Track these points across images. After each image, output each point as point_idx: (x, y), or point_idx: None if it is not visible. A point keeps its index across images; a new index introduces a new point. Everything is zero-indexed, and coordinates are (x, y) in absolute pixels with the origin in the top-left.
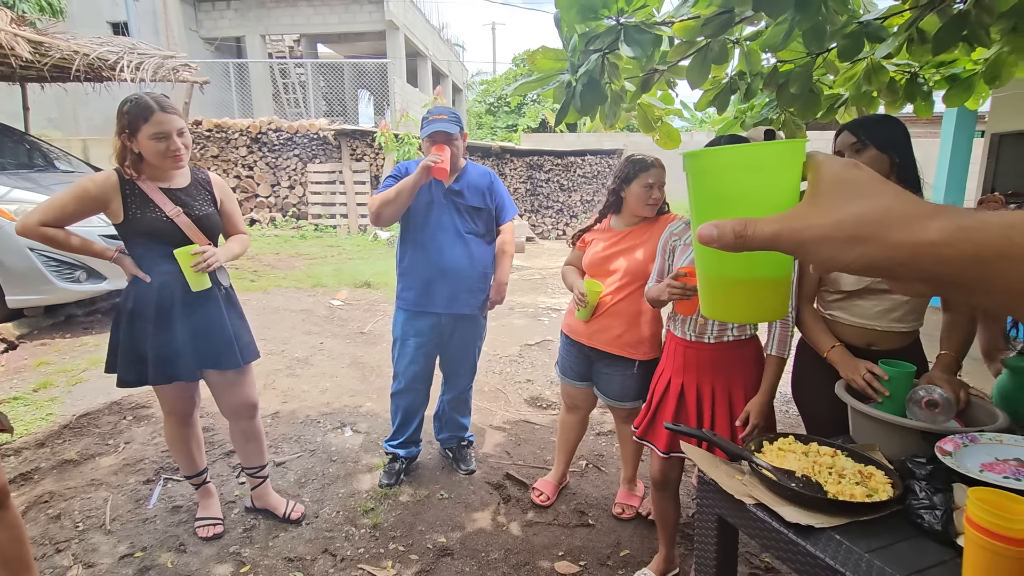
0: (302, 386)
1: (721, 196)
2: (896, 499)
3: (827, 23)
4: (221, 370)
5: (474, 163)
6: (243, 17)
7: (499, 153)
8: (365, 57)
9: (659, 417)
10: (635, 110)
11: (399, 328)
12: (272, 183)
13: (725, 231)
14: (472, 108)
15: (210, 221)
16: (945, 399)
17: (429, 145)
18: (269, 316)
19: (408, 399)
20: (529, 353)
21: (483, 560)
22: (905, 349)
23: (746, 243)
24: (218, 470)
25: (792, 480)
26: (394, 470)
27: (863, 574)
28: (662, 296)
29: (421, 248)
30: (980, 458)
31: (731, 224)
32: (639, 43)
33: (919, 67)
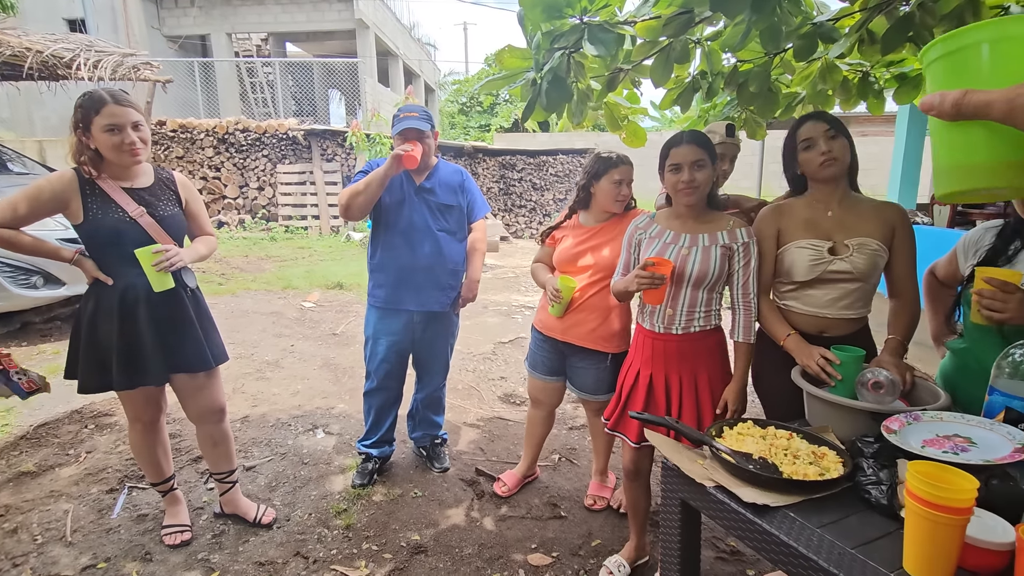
0: (272, 389)
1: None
2: (846, 476)
3: (782, 24)
4: (191, 373)
5: (445, 161)
6: (208, 15)
7: (471, 153)
8: (335, 56)
9: (629, 408)
10: (602, 109)
11: (371, 327)
12: (240, 184)
13: (945, 99)
14: (445, 108)
15: (175, 222)
16: (890, 380)
17: (401, 142)
18: (238, 319)
19: (381, 398)
20: (503, 351)
21: (457, 556)
22: (855, 335)
23: (961, 110)
24: (185, 476)
25: (750, 462)
26: (367, 470)
27: (814, 548)
28: (630, 287)
29: (392, 246)
30: (922, 435)
31: (951, 93)
32: (603, 42)
33: (870, 67)
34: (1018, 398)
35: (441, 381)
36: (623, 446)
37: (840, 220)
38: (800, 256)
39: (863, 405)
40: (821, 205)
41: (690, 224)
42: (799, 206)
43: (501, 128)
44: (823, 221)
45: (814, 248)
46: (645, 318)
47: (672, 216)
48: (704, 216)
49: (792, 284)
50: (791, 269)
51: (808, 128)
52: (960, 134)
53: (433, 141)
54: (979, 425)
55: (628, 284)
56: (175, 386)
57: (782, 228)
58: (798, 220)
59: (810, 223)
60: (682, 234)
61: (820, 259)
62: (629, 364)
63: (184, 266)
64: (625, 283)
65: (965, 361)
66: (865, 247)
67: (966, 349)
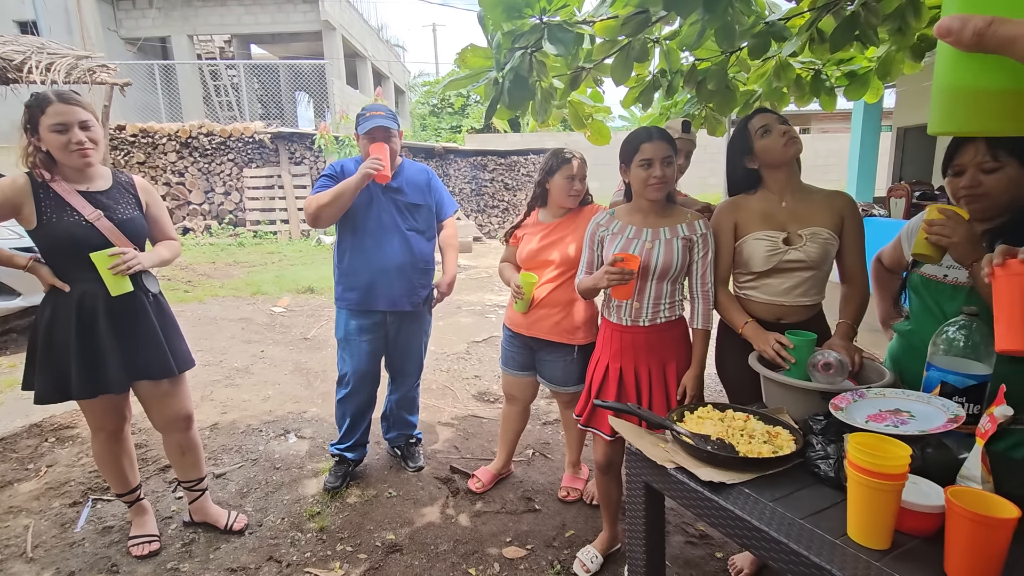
0: (242, 396)
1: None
2: (797, 453)
3: (735, 23)
4: (154, 380)
5: (411, 160)
6: (167, 16)
7: (442, 154)
8: (301, 58)
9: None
10: (567, 107)
11: (342, 330)
12: (206, 189)
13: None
14: (415, 110)
15: (134, 225)
16: (839, 361)
17: (367, 142)
18: (206, 327)
19: (356, 401)
20: (476, 350)
21: (432, 553)
22: (810, 321)
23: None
24: (153, 486)
25: (708, 443)
26: (341, 472)
27: (766, 520)
28: (599, 284)
29: (362, 247)
30: (867, 411)
31: (975, 19)
32: (562, 41)
33: (822, 65)
34: (952, 373)
35: (415, 381)
36: (595, 440)
37: (793, 211)
38: (757, 247)
39: (814, 386)
40: (775, 197)
41: (651, 219)
42: (754, 200)
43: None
44: (778, 213)
45: (770, 239)
46: (611, 312)
47: (632, 211)
48: (664, 210)
49: (751, 274)
50: (749, 260)
51: (760, 118)
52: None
53: (399, 140)
54: (918, 399)
55: (597, 282)
56: (138, 394)
57: (739, 221)
58: (754, 213)
59: (765, 215)
60: (644, 229)
61: (776, 250)
62: (597, 359)
63: (143, 270)
64: (594, 281)
65: (911, 342)
66: (817, 236)
67: (911, 330)
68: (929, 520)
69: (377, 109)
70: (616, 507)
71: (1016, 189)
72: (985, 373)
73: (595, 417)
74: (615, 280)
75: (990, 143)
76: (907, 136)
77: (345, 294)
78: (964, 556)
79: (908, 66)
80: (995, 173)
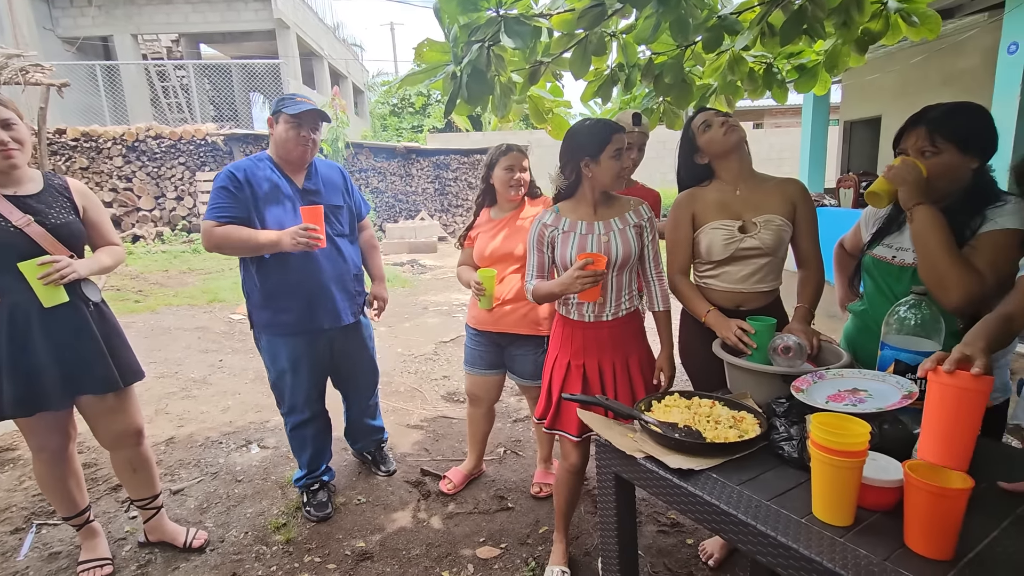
0: (200, 407)
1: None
2: (762, 436)
3: (689, 16)
4: (98, 395)
5: (320, 158)
6: (109, 15)
7: (404, 154)
8: (254, 57)
9: (565, 403)
10: (527, 102)
11: (284, 359)
12: (156, 195)
13: None
14: (375, 110)
15: (70, 230)
16: (797, 344)
17: (294, 130)
18: (159, 337)
19: (315, 427)
20: (444, 350)
21: (404, 558)
22: (769, 307)
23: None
24: (104, 507)
25: (676, 431)
26: (324, 497)
27: (734, 504)
28: (570, 289)
29: (289, 264)
30: (826, 391)
31: None
32: (519, 34)
33: (773, 58)
34: (904, 351)
35: (373, 390)
36: (562, 442)
37: (747, 199)
38: (715, 237)
39: (775, 369)
40: (729, 187)
41: (600, 211)
42: (710, 190)
43: (434, 128)
44: (733, 202)
45: (726, 228)
46: (571, 309)
47: (578, 206)
48: (608, 201)
49: (710, 263)
50: (709, 249)
51: (700, 116)
52: None
53: (319, 138)
54: (873, 378)
55: (567, 287)
56: (82, 410)
57: (696, 212)
58: (710, 203)
59: (721, 204)
60: (594, 222)
61: (732, 238)
62: (555, 358)
63: (80, 278)
64: (561, 286)
65: (865, 322)
66: (771, 223)
67: (864, 311)
68: (889, 495)
69: (305, 97)
70: (571, 513)
71: (952, 175)
72: (935, 350)
73: (560, 419)
74: (588, 283)
75: (930, 129)
76: (853, 129)
77: (278, 317)
78: (922, 527)
79: (853, 59)
80: (933, 158)
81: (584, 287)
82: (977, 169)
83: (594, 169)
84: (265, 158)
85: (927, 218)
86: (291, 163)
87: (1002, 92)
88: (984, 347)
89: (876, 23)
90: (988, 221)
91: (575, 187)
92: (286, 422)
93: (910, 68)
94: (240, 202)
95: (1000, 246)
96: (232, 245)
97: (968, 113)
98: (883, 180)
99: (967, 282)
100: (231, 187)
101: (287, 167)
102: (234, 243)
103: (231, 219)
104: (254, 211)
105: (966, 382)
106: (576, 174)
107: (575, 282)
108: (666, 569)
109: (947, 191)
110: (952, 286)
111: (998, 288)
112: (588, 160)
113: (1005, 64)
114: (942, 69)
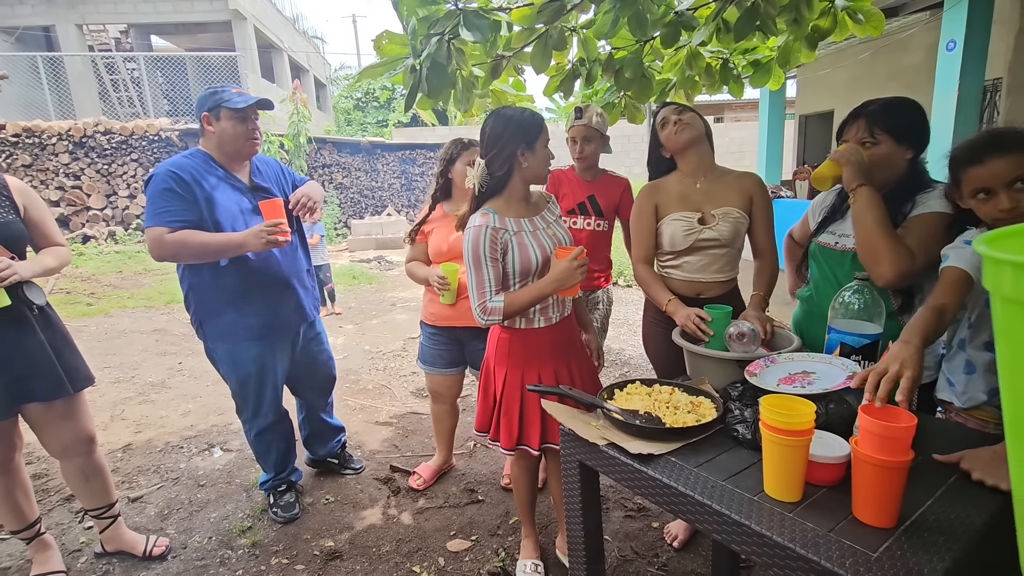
0: (159, 412)
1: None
2: (718, 420)
3: (647, 12)
4: (45, 402)
5: (258, 154)
6: (51, 4)
7: (369, 148)
8: (210, 49)
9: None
10: (489, 97)
11: (252, 363)
12: (107, 193)
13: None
14: (339, 104)
15: (9, 230)
16: (751, 330)
17: (241, 124)
18: (113, 341)
19: (282, 429)
20: (413, 346)
21: (374, 555)
22: (727, 295)
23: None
24: (56, 518)
25: (636, 418)
26: (292, 498)
27: (691, 485)
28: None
29: (248, 264)
30: (778, 375)
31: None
32: (479, 28)
33: (729, 54)
34: (849, 334)
35: (331, 388)
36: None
37: (707, 192)
38: (676, 228)
39: (730, 355)
40: (690, 179)
41: (531, 207)
42: (672, 182)
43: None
44: (693, 194)
45: (686, 219)
46: (536, 318)
47: (509, 204)
48: (531, 196)
49: (671, 254)
50: (672, 240)
51: (662, 112)
52: None
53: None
54: (820, 361)
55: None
56: (28, 418)
57: (659, 203)
58: (672, 195)
59: (682, 197)
60: (533, 219)
61: (692, 229)
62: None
63: (22, 280)
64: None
65: (810, 307)
66: (728, 216)
67: (810, 296)
68: (835, 470)
69: (241, 88)
70: (534, 505)
71: (889, 163)
72: (876, 332)
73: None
74: (586, 273)
75: (869, 121)
76: (808, 123)
77: (244, 322)
78: (868, 496)
79: (804, 55)
80: (872, 148)
81: (583, 277)
82: (911, 160)
83: (530, 159)
84: (203, 155)
85: (867, 198)
86: (236, 159)
87: (942, 86)
88: (919, 344)
89: (825, 20)
90: (918, 205)
91: (504, 182)
92: (249, 428)
93: (859, 64)
94: (189, 204)
95: (927, 226)
96: (191, 252)
97: (903, 108)
98: (829, 163)
99: (898, 258)
100: (176, 188)
101: (231, 164)
102: (193, 249)
103: (183, 223)
104: (206, 213)
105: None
106: (508, 167)
107: (575, 273)
108: (633, 552)
109: (885, 180)
110: (885, 260)
111: (926, 267)
112: (524, 149)
113: (944, 60)
114: (888, 65)
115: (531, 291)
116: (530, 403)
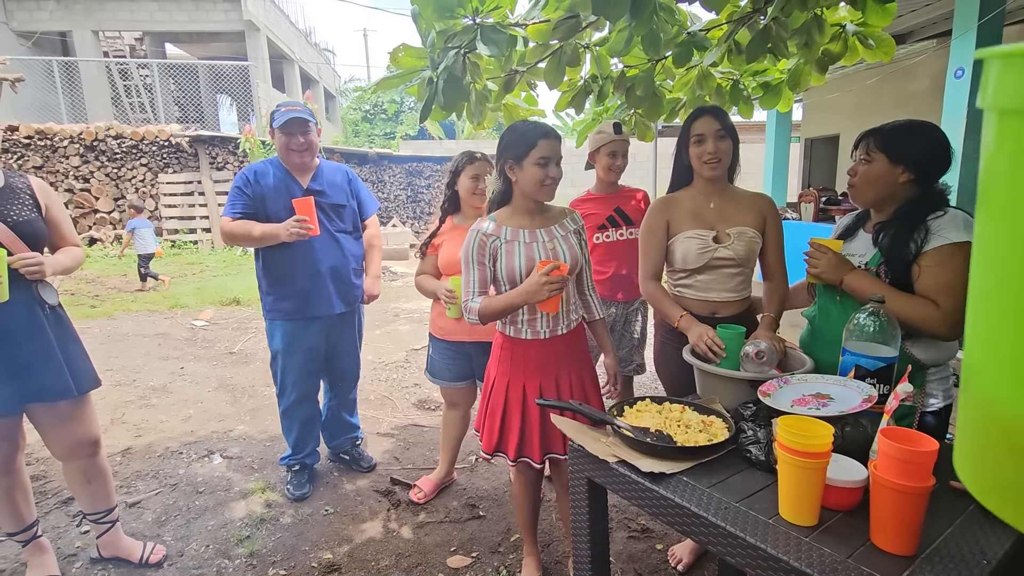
0: (159, 416)
1: None
2: (730, 439)
3: (660, 31)
4: (50, 403)
5: (328, 160)
6: (68, 10)
7: (376, 160)
8: (223, 58)
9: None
10: (501, 110)
11: (280, 341)
12: (115, 196)
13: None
14: (347, 116)
15: (32, 228)
16: (769, 348)
17: (284, 138)
18: (116, 344)
19: (304, 411)
20: (416, 358)
21: (373, 569)
22: (741, 315)
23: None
24: (53, 521)
25: (647, 435)
26: (304, 478)
27: (704, 506)
28: (535, 297)
29: (294, 254)
30: (791, 396)
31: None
32: (495, 42)
33: (739, 75)
34: (864, 356)
35: (355, 381)
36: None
37: (721, 211)
38: (690, 246)
39: (743, 375)
40: (704, 197)
41: (538, 219)
42: (684, 198)
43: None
44: (706, 212)
45: (701, 237)
46: (523, 328)
47: (516, 215)
48: (545, 209)
49: (684, 272)
50: (685, 258)
51: (701, 124)
52: None
53: (316, 137)
54: (835, 383)
55: (531, 295)
56: (33, 419)
57: (671, 220)
58: (685, 212)
59: (695, 214)
60: (535, 230)
61: (707, 247)
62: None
63: (43, 278)
64: (524, 295)
65: (816, 327)
66: (743, 235)
67: (815, 317)
68: (851, 495)
69: (293, 104)
70: (535, 523)
71: (880, 183)
72: (892, 355)
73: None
74: (555, 290)
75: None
76: (813, 146)
77: (278, 304)
78: (888, 523)
79: (814, 78)
80: (866, 166)
81: (552, 294)
82: (913, 182)
83: (518, 174)
84: (276, 161)
85: (857, 282)
86: (294, 166)
87: (950, 114)
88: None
89: (835, 44)
90: (932, 235)
91: (507, 192)
92: (279, 403)
93: (865, 89)
94: (249, 199)
95: (945, 263)
96: (240, 237)
97: (908, 131)
98: (810, 276)
99: (929, 318)
100: (242, 186)
101: (292, 170)
102: (240, 235)
103: (242, 214)
104: (260, 207)
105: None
106: (505, 178)
107: (541, 289)
108: (636, 574)
109: (876, 197)
110: (924, 325)
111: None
112: (512, 164)
113: (953, 88)
114: (895, 91)
115: (502, 300)
116: (530, 415)
